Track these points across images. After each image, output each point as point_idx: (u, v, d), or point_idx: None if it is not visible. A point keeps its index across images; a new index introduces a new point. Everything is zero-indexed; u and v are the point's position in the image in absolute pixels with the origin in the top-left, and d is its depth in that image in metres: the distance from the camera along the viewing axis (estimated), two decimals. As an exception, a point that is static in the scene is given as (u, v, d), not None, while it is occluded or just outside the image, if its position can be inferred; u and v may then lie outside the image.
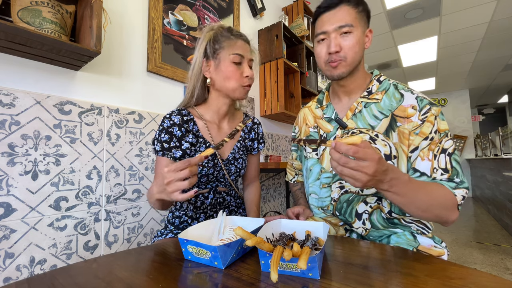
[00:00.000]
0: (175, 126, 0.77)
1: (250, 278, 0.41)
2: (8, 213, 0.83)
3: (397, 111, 0.67)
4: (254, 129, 0.96)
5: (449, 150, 0.62)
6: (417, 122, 0.64)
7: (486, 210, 4.26)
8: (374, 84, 0.74)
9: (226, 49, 0.79)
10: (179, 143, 0.77)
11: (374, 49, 4.09)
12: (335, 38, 0.68)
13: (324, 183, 0.75)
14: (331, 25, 0.68)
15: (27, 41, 0.78)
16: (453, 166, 0.61)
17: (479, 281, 0.38)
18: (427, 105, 0.65)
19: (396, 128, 0.66)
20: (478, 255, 2.32)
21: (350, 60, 0.69)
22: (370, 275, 0.41)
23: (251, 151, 0.96)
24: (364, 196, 0.69)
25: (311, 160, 0.80)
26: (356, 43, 0.68)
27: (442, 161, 0.61)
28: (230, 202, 0.90)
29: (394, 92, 0.70)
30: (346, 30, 0.67)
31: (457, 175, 0.61)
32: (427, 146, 0.63)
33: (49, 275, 0.43)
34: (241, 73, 0.80)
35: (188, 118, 0.81)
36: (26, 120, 0.88)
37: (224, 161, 0.84)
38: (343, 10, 0.68)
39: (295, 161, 0.96)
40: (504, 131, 4.08)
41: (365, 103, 0.72)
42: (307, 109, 0.89)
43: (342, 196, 0.71)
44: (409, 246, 0.63)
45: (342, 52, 0.68)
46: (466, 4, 2.98)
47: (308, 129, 0.84)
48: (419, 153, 0.64)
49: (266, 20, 2.25)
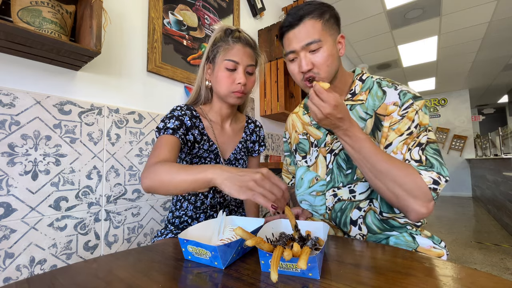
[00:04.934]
0: (186, 116, 0.76)
1: (250, 278, 0.41)
2: (8, 213, 0.83)
3: (380, 110, 0.66)
4: (256, 132, 0.97)
5: (423, 145, 0.59)
6: (396, 118, 0.62)
7: (486, 210, 4.26)
8: (357, 84, 0.72)
9: (221, 54, 0.77)
10: (186, 132, 0.75)
11: (374, 49, 4.10)
12: (304, 57, 0.65)
13: (318, 191, 0.74)
14: (297, 43, 0.65)
15: (27, 41, 0.78)
16: (427, 158, 0.57)
17: (479, 281, 0.38)
18: (410, 99, 0.62)
19: (382, 128, 0.64)
20: (478, 255, 2.32)
21: (325, 75, 0.66)
22: (370, 275, 0.41)
23: (251, 153, 0.97)
24: (357, 202, 0.67)
25: (302, 168, 0.79)
26: (327, 56, 0.64)
27: (416, 154, 0.58)
28: (230, 202, 0.90)
29: (377, 90, 0.68)
30: (314, 47, 0.64)
31: (431, 166, 0.56)
32: (403, 141, 0.60)
33: (49, 275, 0.43)
34: (233, 79, 0.77)
35: (196, 115, 0.81)
36: (26, 120, 0.88)
37: (226, 161, 0.85)
38: (307, 25, 0.64)
39: (289, 166, 0.95)
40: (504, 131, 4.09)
41: (350, 106, 0.71)
42: (295, 115, 0.88)
43: (336, 204, 0.70)
44: (408, 247, 0.63)
45: (315, 69, 0.65)
46: (466, 4, 2.98)
47: (297, 136, 0.83)
48: (393, 150, 0.61)
49: (266, 20, 2.25)
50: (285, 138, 0.94)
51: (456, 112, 6.47)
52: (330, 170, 0.71)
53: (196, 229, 0.56)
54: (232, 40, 0.78)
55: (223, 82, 0.78)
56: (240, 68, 0.78)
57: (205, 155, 0.81)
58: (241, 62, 0.77)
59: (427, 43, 3.94)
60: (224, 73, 0.77)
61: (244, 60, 0.78)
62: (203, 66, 0.82)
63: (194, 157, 0.81)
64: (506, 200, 3.02)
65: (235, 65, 0.77)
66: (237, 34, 0.79)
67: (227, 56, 0.77)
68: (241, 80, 0.77)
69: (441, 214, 4.05)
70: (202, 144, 0.80)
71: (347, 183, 0.68)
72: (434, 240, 0.67)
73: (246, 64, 0.78)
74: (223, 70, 0.77)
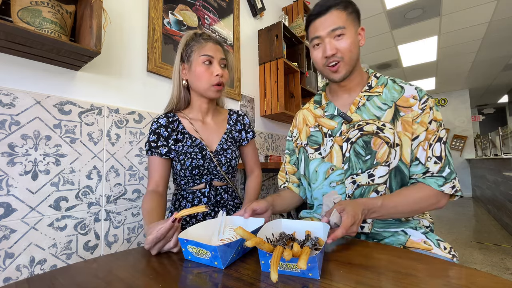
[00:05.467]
0: (161, 127, 0.86)
1: (250, 278, 0.41)
2: (8, 213, 0.83)
3: (400, 101, 0.71)
4: (240, 121, 1.00)
5: (444, 139, 0.67)
6: (417, 112, 0.68)
7: (486, 210, 4.26)
8: (373, 80, 0.77)
9: (196, 52, 0.85)
10: (166, 142, 0.85)
11: (374, 49, 4.10)
12: (329, 42, 0.71)
13: (337, 181, 0.74)
14: (323, 29, 0.71)
15: (27, 41, 0.78)
16: (446, 155, 0.67)
17: (479, 281, 0.38)
18: (425, 95, 0.70)
19: (400, 118, 0.70)
20: (478, 255, 2.32)
21: (348, 60, 0.71)
22: (370, 275, 0.41)
23: (240, 142, 0.99)
24: (375, 186, 0.69)
25: (315, 161, 0.79)
26: (351, 43, 0.70)
27: (437, 149, 0.66)
28: (227, 201, 0.91)
29: (393, 85, 0.75)
30: (339, 32, 0.70)
31: (448, 165, 0.66)
32: (425, 134, 0.67)
33: (49, 275, 0.43)
34: (211, 72, 0.84)
35: (173, 119, 0.89)
36: (26, 120, 0.88)
37: (213, 153, 0.88)
38: (333, 15, 0.70)
39: (288, 164, 0.91)
40: (504, 131, 4.08)
41: (367, 97, 0.75)
42: (306, 111, 0.89)
43: (356, 191, 0.71)
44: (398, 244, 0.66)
45: (339, 53, 0.71)
46: (466, 4, 2.98)
47: (308, 130, 0.84)
48: (420, 141, 0.68)
49: (266, 20, 2.25)
50: (289, 137, 0.93)
51: (456, 112, 6.47)
52: (347, 158, 0.73)
53: (196, 229, 0.56)
54: (203, 40, 0.86)
55: (202, 76, 0.84)
56: (215, 62, 0.85)
57: (190, 150, 0.86)
58: (215, 56, 0.85)
59: (427, 43, 3.94)
60: (202, 68, 0.84)
61: (217, 55, 0.86)
62: (178, 68, 0.88)
63: (180, 154, 0.86)
64: (506, 200, 3.02)
65: (211, 59, 0.85)
66: (206, 35, 0.88)
67: (202, 52, 0.84)
68: (218, 71, 0.84)
69: (441, 214, 4.05)
70: (184, 142, 0.87)
71: (366, 168, 0.70)
72: (430, 237, 0.67)
73: (219, 57, 0.86)
74: (201, 65, 0.84)
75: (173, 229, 0.54)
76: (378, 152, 0.68)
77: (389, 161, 0.68)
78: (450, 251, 0.64)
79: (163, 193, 0.83)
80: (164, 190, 0.85)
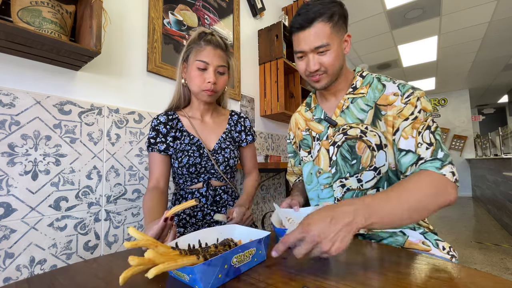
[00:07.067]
0: (161, 124, 0.87)
1: (250, 278, 0.41)
2: (8, 213, 0.83)
3: (380, 101, 0.69)
4: (240, 122, 1.01)
5: (432, 128, 0.62)
6: (400, 106, 0.65)
7: (486, 210, 4.26)
8: (358, 80, 0.75)
9: (193, 55, 0.84)
10: (164, 139, 0.86)
11: (374, 49, 4.09)
12: (313, 58, 0.69)
13: (325, 184, 0.75)
14: (306, 45, 0.68)
15: (27, 41, 0.77)
16: (437, 139, 0.61)
17: (479, 281, 0.38)
18: (410, 89, 0.66)
19: (382, 117, 0.68)
20: (478, 255, 2.32)
21: (331, 72, 0.71)
22: (370, 275, 0.41)
23: (239, 143, 0.99)
24: (365, 191, 0.69)
25: (309, 164, 0.80)
26: (335, 57, 0.69)
27: (427, 136, 0.61)
28: (227, 200, 0.91)
29: (377, 84, 0.72)
30: (322, 50, 0.68)
31: (440, 148, 0.59)
32: (410, 125, 0.63)
33: (49, 275, 0.43)
34: (204, 79, 0.84)
35: (173, 117, 0.90)
36: (26, 120, 0.88)
37: (211, 151, 0.89)
38: (317, 28, 0.66)
39: (294, 167, 0.97)
40: (504, 131, 4.08)
41: (351, 99, 0.74)
42: (298, 114, 0.90)
43: (346, 194, 0.71)
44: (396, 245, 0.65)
45: (322, 68, 0.69)
46: (466, 4, 2.98)
47: (300, 133, 0.85)
48: (401, 133, 0.64)
49: (266, 20, 2.25)
50: (289, 140, 0.95)
51: (456, 112, 6.47)
52: (334, 162, 0.73)
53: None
54: (203, 43, 0.84)
55: (194, 80, 0.85)
56: (211, 68, 0.84)
57: (187, 148, 0.86)
58: (211, 63, 0.83)
59: (427, 43, 3.94)
60: (196, 72, 0.84)
61: (214, 61, 0.84)
62: (180, 65, 0.89)
63: (178, 151, 0.86)
64: (506, 200, 3.02)
65: (205, 65, 0.83)
66: (209, 37, 0.85)
67: (198, 57, 0.83)
68: (210, 79, 0.83)
69: (441, 214, 4.05)
70: (182, 140, 0.88)
71: (354, 172, 0.70)
72: (427, 236, 0.66)
73: (216, 64, 0.84)
74: (195, 69, 0.84)
75: (167, 227, 0.55)
76: (363, 156, 0.68)
77: (373, 165, 0.67)
78: (449, 251, 0.64)
79: (164, 190, 0.83)
80: (165, 187, 0.85)
